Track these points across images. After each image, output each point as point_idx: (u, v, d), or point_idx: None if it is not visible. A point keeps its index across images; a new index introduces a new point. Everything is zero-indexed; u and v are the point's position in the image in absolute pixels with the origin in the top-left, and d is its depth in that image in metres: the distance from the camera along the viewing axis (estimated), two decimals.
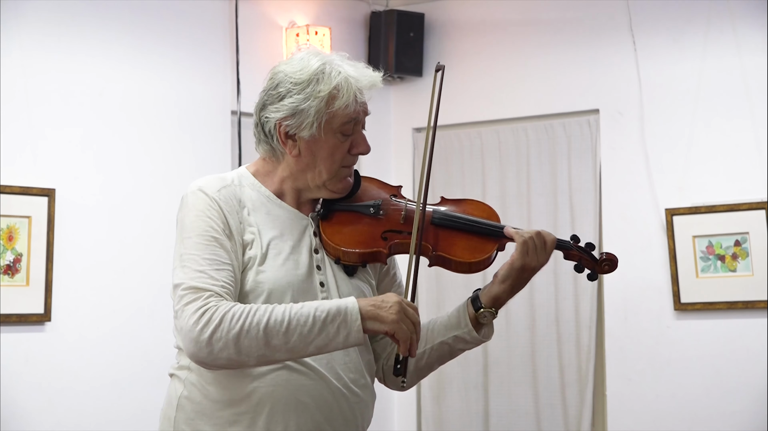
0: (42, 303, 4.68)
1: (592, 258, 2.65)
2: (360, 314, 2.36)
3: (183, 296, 2.38)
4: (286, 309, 2.36)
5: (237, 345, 2.32)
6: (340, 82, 2.49)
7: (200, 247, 2.42)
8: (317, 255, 2.53)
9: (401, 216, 2.58)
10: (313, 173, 2.53)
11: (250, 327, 2.32)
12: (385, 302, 2.39)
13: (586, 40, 5.72)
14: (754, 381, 5.17)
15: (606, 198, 5.63)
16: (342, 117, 2.49)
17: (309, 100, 2.47)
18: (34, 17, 4.74)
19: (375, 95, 2.67)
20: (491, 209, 2.66)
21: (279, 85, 2.51)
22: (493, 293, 2.59)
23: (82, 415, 4.77)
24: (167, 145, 5.18)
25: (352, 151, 2.54)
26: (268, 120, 2.51)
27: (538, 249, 2.56)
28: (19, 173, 4.66)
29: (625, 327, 5.53)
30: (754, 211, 5.19)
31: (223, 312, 2.33)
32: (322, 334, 2.34)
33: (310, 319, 2.34)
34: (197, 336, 2.33)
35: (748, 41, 5.27)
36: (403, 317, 2.38)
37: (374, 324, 2.37)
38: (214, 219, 2.45)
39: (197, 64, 5.33)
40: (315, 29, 5.64)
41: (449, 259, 2.56)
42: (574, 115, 5.77)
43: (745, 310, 5.22)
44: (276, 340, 2.33)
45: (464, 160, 6.05)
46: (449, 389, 5.99)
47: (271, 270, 2.45)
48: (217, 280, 2.38)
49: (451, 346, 2.64)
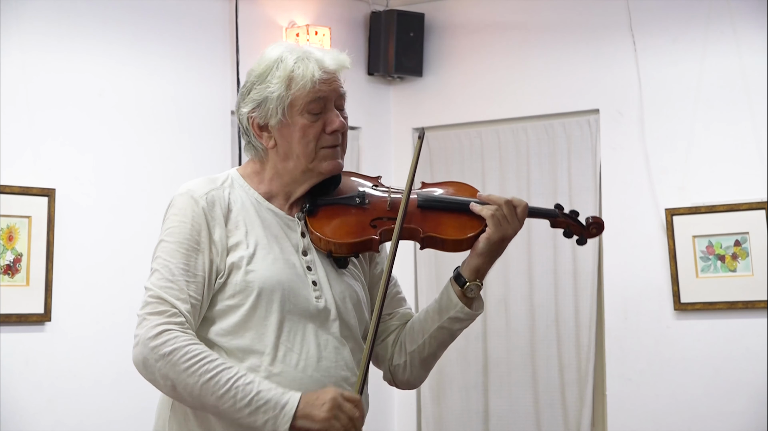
0: (42, 303, 4.68)
1: (578, 223, 2.71)
2: (294, 413, 2.35)
3: (148, 303, 2.42)
4: (235, 376, 2.36)
5: (175, 382, 2.36)
6: (296, 62, 2.49)
7: (177, 255, 2.43)
8: (306, 257, 2.53)
9: (387, 203, 2.61)
10: (294, 161, 2.53)
11: (192, 374, 2.35)
12: (318, 399, 2.37)
13: (586, 40, 5.71)
14: (754, 381, 5.17)
15: (606, 198, 5.63)
16: (305, 96, 2.49)
17: (269, 88, 2.49)
18: (34, 17, 4.74)
19: (375, 95, 2.66)
20: (472, 188, 2.68)
21: (246, 83, 2.55)
22: (473, 266, 2.58)
23: (82, 415, 4.77)
24: (167, 145, 5.18)
25: (326, 130, 2.53)
26: (242, 116, 2.53)
27: (509, 218, 2.56)
28: (19, 173, 4.66)
29: (625, 327, 5.53)
30: (754, 210, 5.19)
31: (180, 345, 2.36)
32: (250, 418, 2.35)
33: (247, 399, 2.35)
34: (152, 349, 2.36)
35: (748, 41, 5.27)
36: (336, 413, 2.37)
37: (305, 422, 2.36)
38: (196, 227, 2.45)
39: (197, 64, 5.33)
40: (315, 29, 5.64)
41: (440, 239, 2.58)
42: (574, 115, 5.77)
43: (745, 310, 5.22)
44: (208, 399, 2.35)
45: (464, 160, 6.05)
46: (449, 389, 5.99)
47: (261, 269, 2.45)
48: (184, 292, 2.40)
49: (449, 328, 2.63)
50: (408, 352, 2.64)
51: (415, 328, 2.65)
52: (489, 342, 5.89)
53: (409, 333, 2.65)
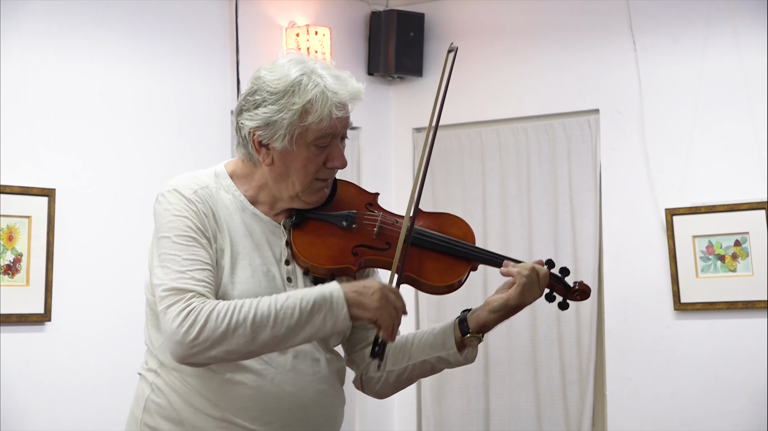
0: (42, 303, 4.68)
1: (564, 285, 2.60)
2: (345, 301, 2.34)
3: (164, 298, 2.36)
4: (271, 302, 2.33)
5: (225, 343, 2.30)
6: (315, 95, 2.42)
7: (180, 248, 2.39)
8: (288, 267, 2.49)
9: (374, 231, 2.52)
10: (286, 184, 2.48)
11: (237, 324, 2.30)
12: (367, 288, 2.36)
13: (586, 40, 5.72)
14: (754, 381, 5.17)
15: (606, 198, 5.63)
16: (316, 131, 2.43)
17: (282, 112, 2.41)
18: (34, 17, 4.74)
19: (375, 95, 2.65)
20: (468, 227, 2.60)
21: (256, 92, 2.46)
22: (481, 320, 2.56)
23: (82, 415, 4.77)
24: (167, 145, 5.18)
25: (327, 165, 2.49)
26: (243, 126, 2.47)
27: (539, 285, 2.54)
28: (19, 173, 4.66)
29: (625, 327, 5.53)
30: (754, 210, 5.19)
31: (209, 311, 2.31)
32: (309, 324, 2.33)
33: (297, 311, 2.32)
34: (182, 338, 2.31)
35: (748, 41, 5.27)
36: (385, 304, 2.36)
37: (359, 311, 2.35)
38: (192, 219, 2.41)
39: (197, 64, 5.33)
40: (315, 29, 5.64)
41: (419, 281, 2.50)
42: (574, 115, 5.77)
43: (745, 310, 5.22)
44: (263, 335, 2.31)
45: (464, 160, 6.05)
46: (450, 389, 5.99)
47: (239, 282, 2.42)
48: (199, 280, 2.36)
49: (434, 365, 2.60)
50: (387, 370, 2.62)
51: (402, 350, 2.62)
52: (490, 342, 5.88)
53: (394, 352, 2.62)
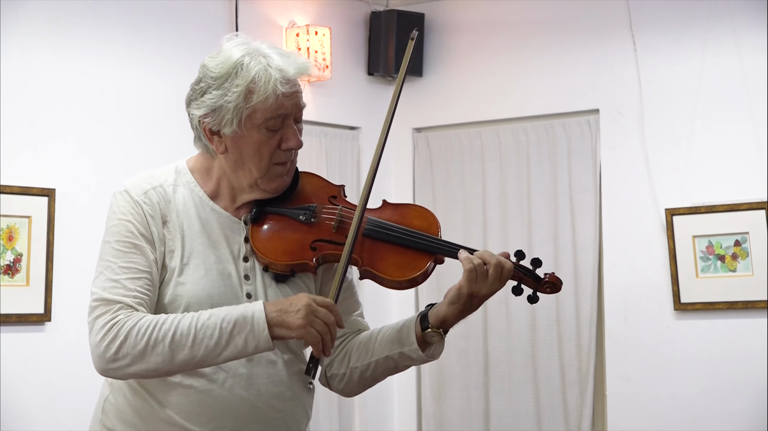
0: (42, 303, 4.68)
1: (534, 277, 2.44)
2: (266, 322, 2.26)
3: (94, 308, 2.32)
4: (192, 320, 2.26)
5: (144, 361, 2.26)
6: (257, 72, 2.33)
7: (118, 254, 2.35)
8: (246, 264, 2.42)
9: (333, 225, 2.43)
10: (243, 171, 2.40)
11: (156, 342, 2.25)
12: (292, 305, 2.27)
13: (586, 40, 5.72)
14: (754, 381, 5.17)
15: (606, 198, 5.63)
16: (263, 111, 2.34)
17: (226, 95, 2.35)
18: (34, 17, 4.74)
19: (375, 95, 2.61)
20: (433, 218, 2.49)
21: (201, 80, 2.42)
22: (441, 314, 2.42)
23: (82, 415, 4.76)
24: (167, 145, 5.17)
25: (281, 146, 2.39)
26: (193, 116, 2.43)
27: (490, 278, 2.37)
28: (19, 173, 4.66)
29: (625, 327, 5.53)
30: (754, 210, 5.19)
31: (130, 327, 2.26)
32: (230, 346, 2.26)
33: (217, 332, 2.25)
34: (103, 352, 2.28)
35: (748, 41, 5.27)
36: (312, 320, 2.26)
37: (281, 331, 2.26)
38: (136, 223, 2.37)
39: (197, 64, 5.30)
40: (315, 29, 5.64)
41: (378, 276, 2.41)
42: (574, 115, 5.77)
43: (745, 310, 5.22)
44: (181, 355, 2.26)
45: (464, 160, 6.05)
46: (450, 389, 5.99)
47: (190, 283, 2.37)
48: (131, 290, 2.31)
49: (397, 362, 2.48)
50: (350, 366, 2.52)
51: (365, 345, 2.52)
52: (490, 342, 5.88)
53: (357, 347, 2.53)
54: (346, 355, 2.54)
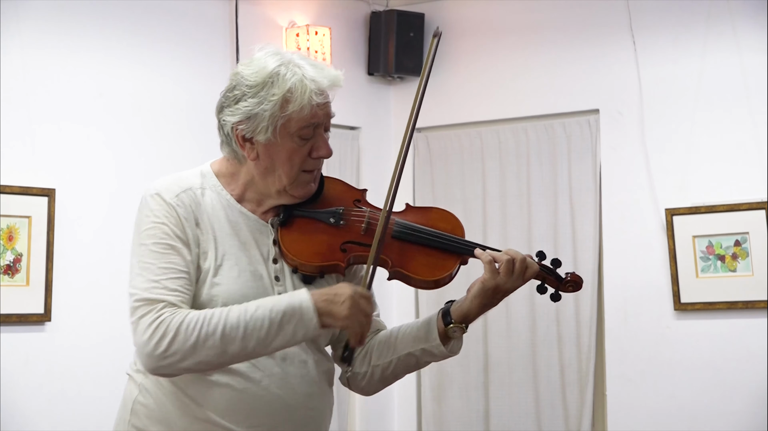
0: (42, 303, 4.68)
1: (556, 277, 2.60)
2: (315, 311, 2.33)
3: (136, 308, 2.36)
4: (240, 313, 2.32)
5: (195, 355, 2.30)
6: (294, 83, 2.41)
7: (156, 255, 2.39)
8: (276, 265, 2.48)
9: (362, 227, 2.52)
10: (273, 177, 2.47)
11: (207, 336, 2.30)
12: (338, 296, 2.35)
13: (586, 40, 5.72)
14: (754, 381, 5.17)
15: (606, 198, 5.63)
16: (298, 121, 2.42)
17: (263, 104, 2.41)
18: (34, 17, 4.74)
19: (375, 95, 2.63)
20: (457, 221, 2.61)
21: (235, 87, 2.45)
22: (463, 309, 2.53)
23: (82, 415, 4.77)
24: (167, 145, 5.18)
25: (312, 155, 2.47)
26: (225, 123, 2.47)
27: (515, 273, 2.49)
28: (19, 173, 4.66)
29: (625, 327, 5.53)
30: (754, 210, 5.19)
31: (178, 323, 2.30)
32: (280, 336, 2.33)
33: (266, 322, 2.32)
34: (152, 350, 2.31)
35: (748, 41, 5.27)
36: (355, 311, 2.34)
37: (328, 320, 2.34)
38: (171, 225, 2.41)
39: (197, 64, 5.33)
40: (315, 29, 5.64)
41: (408, 276, 2.50)
42: (574, 115, 5.77)
43: (745, 310, 5.22)
44: (233, 347, 2.31)
45: (464, 160, 6.05)
46: (450, 389, 5.99)
47: (225, 283, 2.42)
48: (172, 290, 2.35)
49: (418, 358, 2.58)
50: (372, 365, 2.61)
51: (386, 344, 2.61)
52: (490, 342, 5.88)
53: (378, 346, 2.62)
54: (368, 354, 2.62)
